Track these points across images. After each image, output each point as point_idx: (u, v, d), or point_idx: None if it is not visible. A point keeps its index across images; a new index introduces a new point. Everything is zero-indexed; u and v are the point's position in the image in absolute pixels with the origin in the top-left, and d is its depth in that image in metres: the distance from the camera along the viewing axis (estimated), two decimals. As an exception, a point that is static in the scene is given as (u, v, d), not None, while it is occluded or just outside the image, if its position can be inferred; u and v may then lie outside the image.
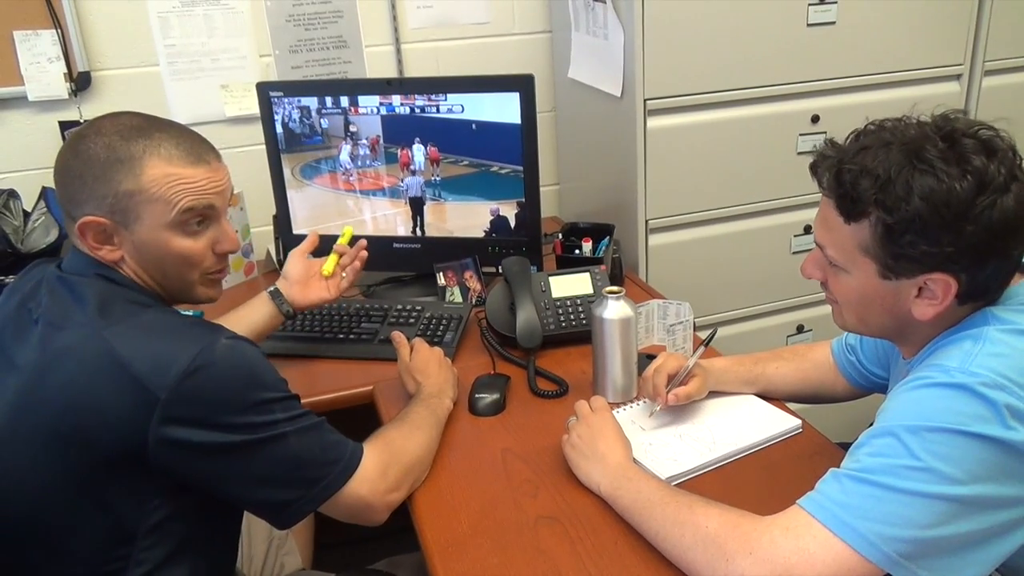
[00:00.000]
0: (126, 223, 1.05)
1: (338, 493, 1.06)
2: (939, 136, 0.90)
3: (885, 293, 0.95)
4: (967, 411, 0.84)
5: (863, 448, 0.89)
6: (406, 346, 1.43)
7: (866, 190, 0.90)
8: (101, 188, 1.04)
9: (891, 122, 0.95)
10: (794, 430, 1.26)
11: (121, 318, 1.01)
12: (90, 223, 1.05)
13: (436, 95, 1.71)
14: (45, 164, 1.94)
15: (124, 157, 1.04)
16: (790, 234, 2.02)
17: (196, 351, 0.97)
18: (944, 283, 0.91)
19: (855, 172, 0.91)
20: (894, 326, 1.00)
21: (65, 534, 1.01)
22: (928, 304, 0.93)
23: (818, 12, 1.84)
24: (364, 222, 1.84)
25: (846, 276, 0.98)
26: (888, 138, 0.91)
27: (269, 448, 1.02)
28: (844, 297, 1.01)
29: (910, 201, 0.87)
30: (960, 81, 2.02)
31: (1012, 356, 0.87)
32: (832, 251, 0.98)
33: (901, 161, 0.88)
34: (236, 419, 1.00)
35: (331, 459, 1.07)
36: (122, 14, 1.92)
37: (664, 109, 1.81)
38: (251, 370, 1.02)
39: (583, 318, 1.56)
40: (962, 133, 0.90)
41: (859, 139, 0.95)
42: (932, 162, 0.87)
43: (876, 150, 0.91)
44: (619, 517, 1.08)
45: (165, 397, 0.95)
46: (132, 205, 1.05)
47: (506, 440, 1.30)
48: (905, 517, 0.83)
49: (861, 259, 0.94)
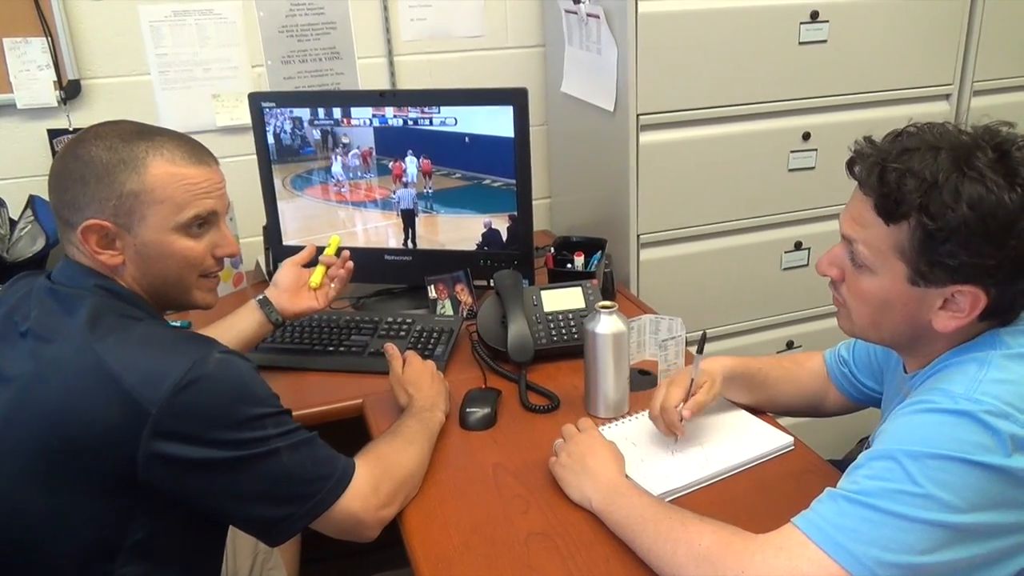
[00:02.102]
0: (129, 226, 1.05)
1: (330, 509, 1.05)
2: (989, 146, 0.88)
3: (909, 299, 0.93)
4: (970, 439, 0.83)
5: (862, 469, 0.88)
6: (398, 358, 1.42)
7: (911, 192, 0.87)
8: (104, 190, 1.03)
9: (934, 126, 0.92)
10: (786, 447, 1.26)
11: (112, 331, 1.00)
12: (93, 226, 1.03)
13: (429, 107, 1.71)
14: (33, 172, 1.92)
15: (127, 158, 1.04)
16: (781, 250, 2.03)
17: (188, 366, 0.96)
18: (973, 296, 0.89)
19: (900, 172, 0.88)
20: (908, 335, 0.98)
21: (47, 547, 0.99)
22: (951, 317, 0.92)
23: (810, 31, 1.85)
24: (355, 234, 1.83)
25: (870, 276, 0.95)
26: (935, 142, 0.89)
27: (260, 464, 1.00)
28: (860, 298, 0.98)
29: (957, 208, 0.85)
30: (949, 100, 2.05)
31: (1017, 383, 0.86)
32: (863, 248, 0.94)
33: (949, 166, 0.86)
34: (228, 435, 0.98)
35: (323, 475, 1.06)
36: (113, 23, 1.91)
37: (656, 124, 1.82)
38: (243, 385, 1.01)
39: (575, 332, 1.55)
40: (1011, 144, 0.88)
41: (901, 140, 0.92)
42: (982, 171, 0.85)
43: (923, 153, 0.88)
44: (611, 533, 1.08)
45: (156, 412, 0.94)
46: (136, 206, 1.04)
47: (497, 455, 1.29)
48: (901, 542, 0.82)
49: (892, 261, 0.92)
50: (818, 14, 1.84)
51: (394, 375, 1.40)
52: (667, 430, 1.24)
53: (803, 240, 2.02)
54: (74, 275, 1.07)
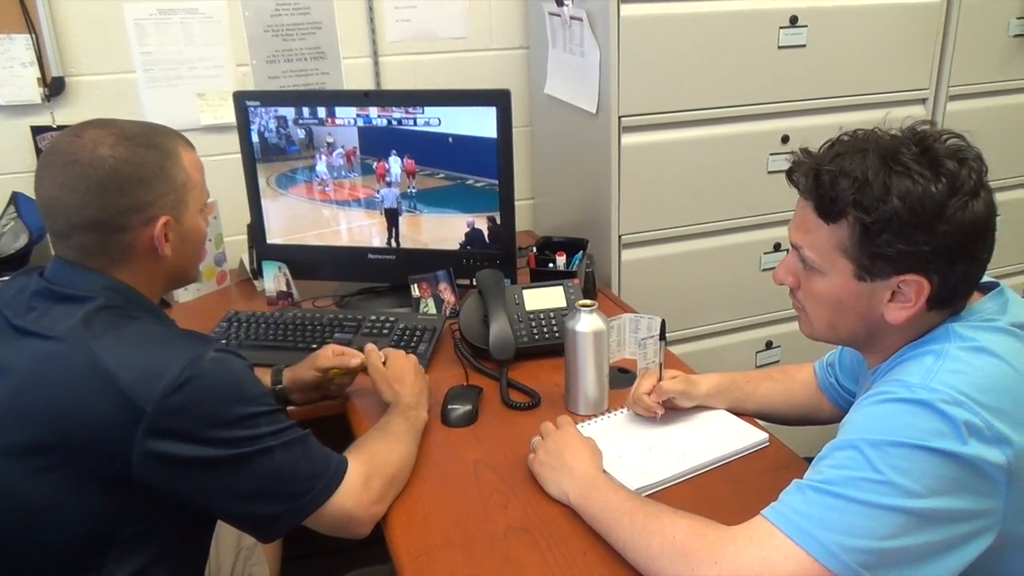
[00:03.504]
0: (179, 216, 1.10)
1: (323, 506, 1.06)
2: (912, 142, 0.93)
3: (859, 295, 0.97)
4: (927, 427, 0.86)
5: (825, 460, 0.91)
6: (377, 353, 1.40)
7: (844, 191, 0.92)
8: (162, 186, 1.07)
9: (863, 132, 0.98)
10: (761, 444, 1.29)
11: (108, 328, 1.00)
12: (167, 222, 1.08)
13: (413, 108, 1.72)
14: (16, 169, 1.92)
15: (168, 151, 1.09)
16: (760, 251, 2.06)
17: (183, 364, 0.97)
18: (917, 284, 0.93)
19: (833, 174, 0.94)
20: (864, 331, 1.01)
21: (38, 540, 1.00)
22: (901, 307, 0.95)
23: (789, 35, 1.88)
24: (339, 232, 1.84)
25: (821, 278, 1.00)
26: (863, 145, 0.95)
27: (255, 463, 1.01)
28: (816, 301, 1.02)
29: (887, 201, 0.90)
30: (925, 105, 2.08)
31: (971, 373, 0.89)
32: (809, 252, 0.99)
33: (878, 164, 0.91)
34: (222, 433, 0.99)
35: (316, 473, 1.07)
36: (98, 20, 1.91)
37: (638, 126, 1.84)
38: (238, 384, 1.02)
39: (556, 331, 1.57)
40: (934, 140, 0.93)
41: (833, 147, 0.98)
42: (908, 165, 0.90)
43: (853, 155, 0.94)
44: (588, 527, 1.09)
45: (151, 410, 0.94)
46: (183, 195, 1.10)
47: (477, 451, 1.30)
48: (865, 528, 0.85)
49: (838, 260, 0.96)
50: (797, 19, 1.87)
51: (376, 371, 1.38)
52: (646, 413, 1.33)
53: (782, 242, 2.05)
54: (79, 278, 1.05)
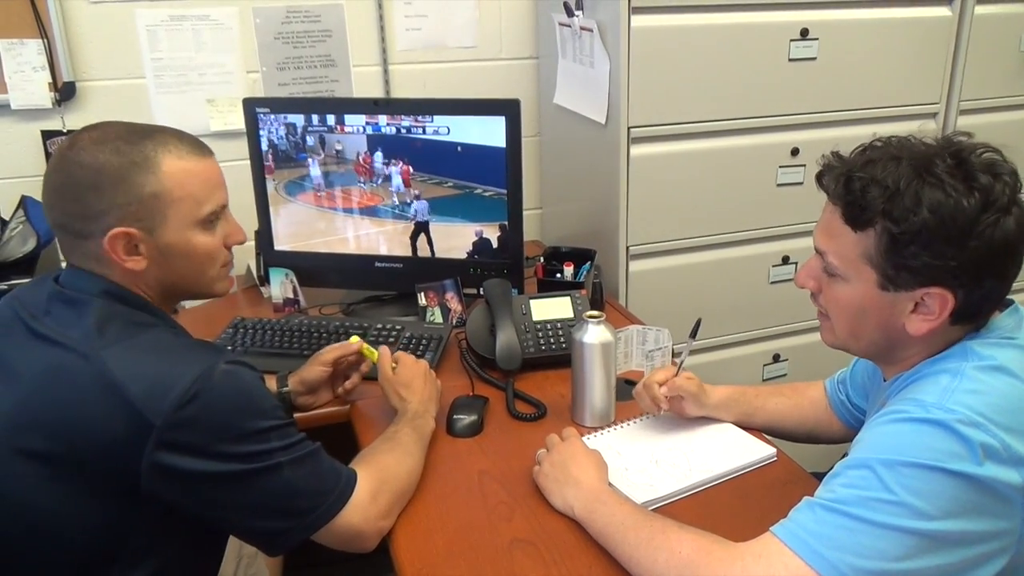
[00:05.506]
0: (151, 228, 1.04)
1: (331, 522, 1.05)
2: (948, 153, 0.91)
3: (882, 305, 0.96)
4: (942, 447, 0.85)
5: (838, 478, 0.90)
6: (389, 358, 1.38)
7: (875, 199, 0.91)
8: (122, 195, 1.01)
9: (897, 139, 0.96)
10: (769, 458, 1.27)
11: (119, 338, 0.99)
12: (120, 235, 1.02)
13: (422, 116, 1.72)
14: (25, 173, 1.93)
15: (138, 159, 1.02)
16: (769, 264, 2.05)
17: (193, 377, 0.95)
18: (941, 298, 0.92)
19: (864, 181, 0.92)
20: (885, 342, 1.00)
21: (46, 549, 0.99)
22: (923, 320, 0.94)
23: (800, 48, 1.88)
24: (346, 240, 1.84)
25: (843, 285, 0.98)
26: (896, 152, 0.93)
27: (264, 478, 1.00)
28: (838, 308, 1.01)
29: (918, 212, 0.88)
30: (936, 119, 2.07)
31: (988, 394, 0.88)
32: (833, 258, 0.98)
33: (910, 174, 0.90)
34: (231, 448, 0.98)
35: (325, 489, 1.06)
36: (110, 26, 1.92)
37: (647, 137, 1.84)
38: (248, 398, 1.01)
39: (563, 342, 1.56)
40: (969, 152, 0.92)
41: (865, 152, 0.96)
42: (941, 177, 0.89)
43: (885, 162, 0.92)
44: (594, 541, 1.08)
45: (160, 423, 0.93)
46: (157, 207, 1.03)
47: (483, 462, 1.29)
48: (876, 549, 0.84)
49: (862, 268, 0.95)
50: (808, 32, 1.86)
51: (385, 377, 1.36)
52: (650, 404, 1.32)
53: (790, 254, 2.04)
54: (83, 281, 1.05)
